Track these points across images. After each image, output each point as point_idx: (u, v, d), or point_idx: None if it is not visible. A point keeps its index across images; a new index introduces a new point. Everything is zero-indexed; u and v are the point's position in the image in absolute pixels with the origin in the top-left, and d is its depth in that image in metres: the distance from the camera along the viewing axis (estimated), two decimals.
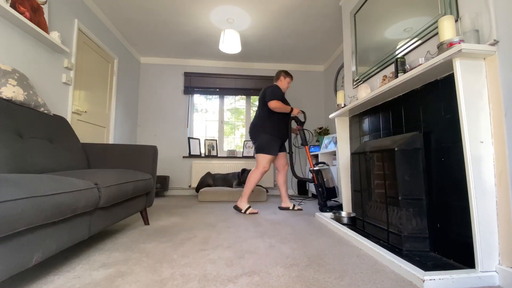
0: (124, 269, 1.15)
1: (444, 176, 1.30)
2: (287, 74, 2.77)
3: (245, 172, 3.57)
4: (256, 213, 2.49)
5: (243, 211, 2.48)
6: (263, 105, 2.63)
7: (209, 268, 1.17)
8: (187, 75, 4.27)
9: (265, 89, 2.64)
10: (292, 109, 2.63)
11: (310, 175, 2.73)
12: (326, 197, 2.58)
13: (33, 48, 1.98)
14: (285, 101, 2.68)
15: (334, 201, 2.72)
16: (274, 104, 2.52)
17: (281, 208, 2.71)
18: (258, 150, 2.58)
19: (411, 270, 1.07)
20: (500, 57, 1.08)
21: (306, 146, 2.71)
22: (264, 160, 2.54)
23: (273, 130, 2.59)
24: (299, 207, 2.70)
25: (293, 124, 3.03)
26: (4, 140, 1.26)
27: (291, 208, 2.67)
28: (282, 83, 2.75)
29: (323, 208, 2.53)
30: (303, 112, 2.72)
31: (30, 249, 0.85)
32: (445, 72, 1.29)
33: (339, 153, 2.40)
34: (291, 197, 3.82)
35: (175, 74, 4.30)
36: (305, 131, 3.00)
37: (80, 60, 2.64)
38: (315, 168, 2.63)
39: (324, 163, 2.73)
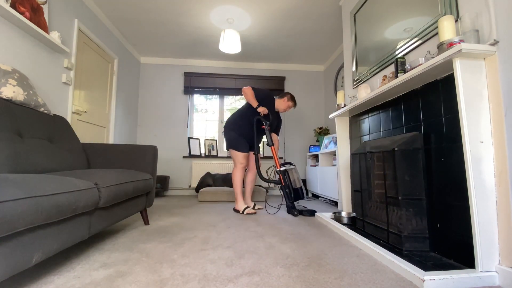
0: (124, 269, 1.15)
1: (444, 176, 1.30)
2: (292, 99, 2.71)
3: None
4: (255, 213, 2.49)
5: (241, 211, 2.50)
6: (246, 107, 2.69)
7: (209, 268, 1.17)
8: (187, 75, 4.27)
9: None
10: (258, 106, 2.53)
11: (277, 177, 2.60)
12: (294, 198, 2.49)
13: (33, 48, 1.98)
14: (269, 109, 2.62)
15: (303, 206, 2.64)
16: (246, 90, 2.58)
17: (235, 210, 2.59)
18: (230, 146, 2.63)
19: (411, 270, 1.07)
20: (500, 57, 1.08)
21: (272, 147, 2.61)
22: (239, 156, 2.59)
23: (239, 128, 2.63)
24: (253, 211, 2.49)
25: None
26: (4, 140, 1.26)
27: (241, 212, 2.50)
28: (283, 103, 2.70)
29: (291, 210, 2.44)
30: (268, 115, 2.58)
31: (30, 249, 0.85)
32: (445, 72, 1.29)
33: (339, 153, 2.40)
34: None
35: (175, 74, 4.30)
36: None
37: (80, 60, 2.64)
38: (281, 169, 2.53)
39: (290, 163, 2.62)
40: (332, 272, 1.15)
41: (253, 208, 2.64)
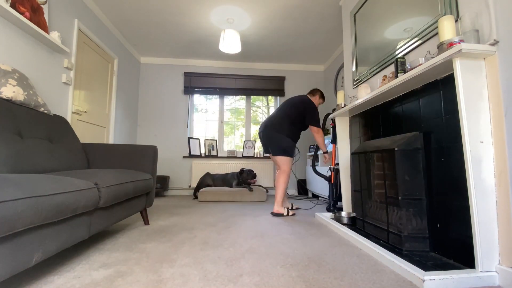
0: (124, 269, 1.15)
1: (444, 176, 1.30)
2: (322, 96, 2.79)
3: (243, 172, 3.56)
4: (294, 214, 2.50)
5: (285, 214, 2.42)
6: (297, 114, 2.60)
7: (209, 268, 1.17)
8: (187, 75, 4.27)
9: (305, 101, 2.64)
10: (325, 152, 2.70)
11: (328, 173, 2.80)
12: (337, 198, 2.66)
13: (33, 48, 1.97)
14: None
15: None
16: (320, 134, 2.62)
17: (273, 214, 2.47)
18: (283, 152, 2.53)
19: (411, 270, 1.07)
20: (500, 57, 1.08)
21: (334, 144, 2.74)
22: (289, 162, 2.54)
23: (294, 136, 2.62)
24: (293, 212, 2.53)
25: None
26: (4, 140, 1.26)
27: (285, 214, 2.43)
28: (315, 101, 2.76)
29: (330, 208, 2.60)
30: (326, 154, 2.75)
31: (30, 249, 0.85)
32: (445, 72, 1.29)
33: (339, 153, 2.40)
34: (292, 197, 3.82)
35: (175, 74, 4.30)
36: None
37: (80, 60, 2.63)
38: (335, 167, 2.66)
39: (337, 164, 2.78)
40: (332, 272, 1.15)
41: (292, 208, 2.74)
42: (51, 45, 2.11)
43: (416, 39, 1.59)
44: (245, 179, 3.54)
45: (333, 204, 2.63)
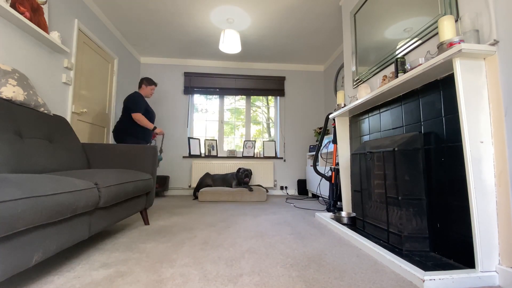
0: (124, 269, 1.15)
1: (444, 176, 1.30)
2: (149, 82, 2.92)
3: (240, 171, 3.57)
4: None
5: None
6: (125, 111, 2.72)
7: (209, 268, 1.17)
8: (187, 75, 4.27)
9: (129, 96, 2.76)
10: (154, 128, 2.78)
11: (329, 173, 2.80)
12: (337, 198, 2.67)
13: (33, 48, 1.97)
14: (149, 111, 2.84)
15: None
16: (137, 117, 2.68)
17: None
18: None
19: (411, 270, 1.07)
20: (500, 57, 1.08)
21: (335, 144, 2.73)
22: None
23: (139, 132, 2.73)
24: None
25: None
26: (4, 140, 1.26)
27: None
28: (145, 91, 2.90)
29: (330, 208, 2.61)
30: (163, 135, 2.95)
31: (30, 249, 0.85)
32: (445, 72, 1.29)
33: (339, 153, 2.40)
34: (292, 197, 3.82)
35: (175, 74, 4.30)
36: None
37: (80, 60, 2.63)
38: (336, 167, 2.66)
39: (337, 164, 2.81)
40: (332, 272, 1.15)
41: None
42: (51, 45, 2.11)
43: (416, 39, 1.59)
44: (239, 177, 3.56)
45: (333, 204, 2.66)
